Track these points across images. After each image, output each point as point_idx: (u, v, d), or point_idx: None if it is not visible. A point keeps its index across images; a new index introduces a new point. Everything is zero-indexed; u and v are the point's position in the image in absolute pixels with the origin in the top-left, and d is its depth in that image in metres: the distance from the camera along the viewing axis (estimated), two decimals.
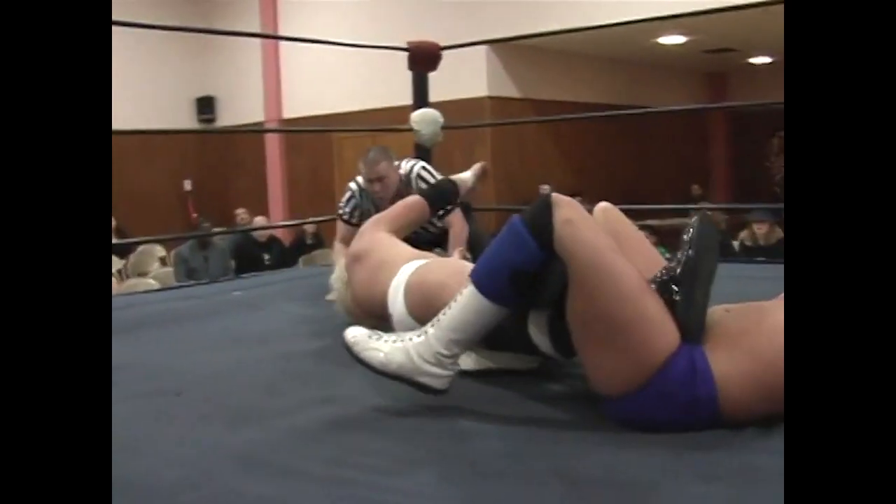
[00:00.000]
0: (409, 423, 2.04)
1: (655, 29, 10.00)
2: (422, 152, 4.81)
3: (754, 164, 15.40)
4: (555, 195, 1.92)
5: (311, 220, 8.92)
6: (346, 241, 4.27)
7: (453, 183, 3.49)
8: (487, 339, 2.23)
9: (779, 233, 7.84)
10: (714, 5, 6.18)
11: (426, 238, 4.31)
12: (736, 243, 8.13)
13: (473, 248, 3.64)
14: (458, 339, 2.00)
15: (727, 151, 15.53)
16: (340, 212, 4.32)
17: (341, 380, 2.42)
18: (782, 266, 4.94)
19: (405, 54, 5.12)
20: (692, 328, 1.86)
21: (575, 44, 10.61)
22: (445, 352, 2.00)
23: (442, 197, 3.40)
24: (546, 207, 1.89)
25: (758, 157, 15.52)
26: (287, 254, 9.36)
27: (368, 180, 4.15)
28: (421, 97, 5.16)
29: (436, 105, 5.11)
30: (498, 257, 1.98)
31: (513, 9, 9.44)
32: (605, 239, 1.90)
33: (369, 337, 2.08)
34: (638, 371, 1.82)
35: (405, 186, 4.21)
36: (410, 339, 2.03)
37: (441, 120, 4.68)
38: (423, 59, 5.14)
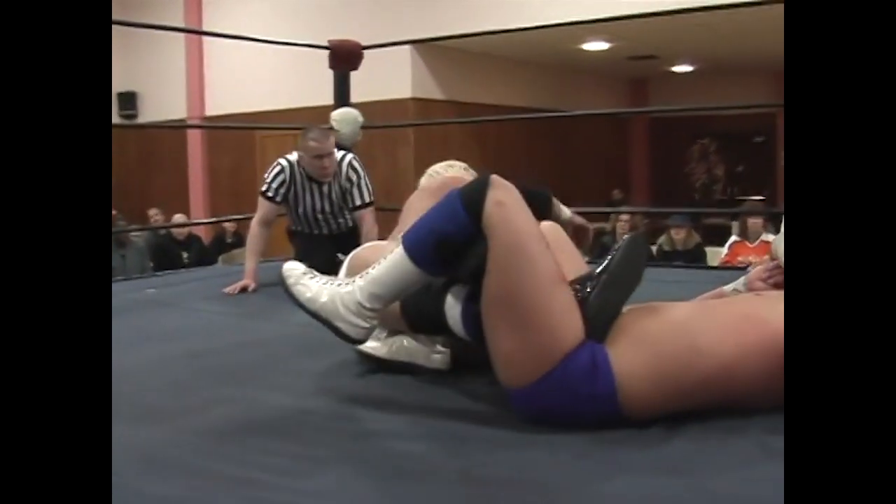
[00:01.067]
0: (316, 423, 2.02)
1: (580, 35, 10.09)
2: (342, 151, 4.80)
3: (674, 171, 15.64)
4: (494, 177, 1.96)
5: (230, 217, 8.82)
6: (267, 222, 4.19)
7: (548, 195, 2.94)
8: (410, 317, 2.26)
9: (696, 238, 7.99)
10: (637, 11, 6.24)
11: (325, 234, 4.26)
12: (654, 248, 8.24)
13: None
14: (380, 295, 2.02)
15: (648, 157, 15.74)
16: (264, 187, 4.22)
17: (250, 379, 2.41)
18: (699, 270, 5.04)
19: (329, 53, 5.10)
20: (598, 326, 1.91)
21: (501, 47, 10.66)
22: (366, 304, 2.02)
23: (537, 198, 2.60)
24: (483, 186, 1.94)
25: (678, 163, 15.76)
26: (206, 252, 9.25)
27: (319, 156, 4.10)
28: (342, 96, 5.14)
29: (359, 105, 5.10)
30: (429, 224, 2.00)
31: (438, 11, 9.46)
32: (533, 228, 1.94)
33: (303, 273, 2.11)
34: (540, 359, 1.86)
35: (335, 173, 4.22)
36: (339, 285, 2.06)
37: (361, 119, 4.67)
38: (344, 57, 5.12)
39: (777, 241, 2.25)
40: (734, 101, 12.33)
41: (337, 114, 4.75)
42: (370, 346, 2.41)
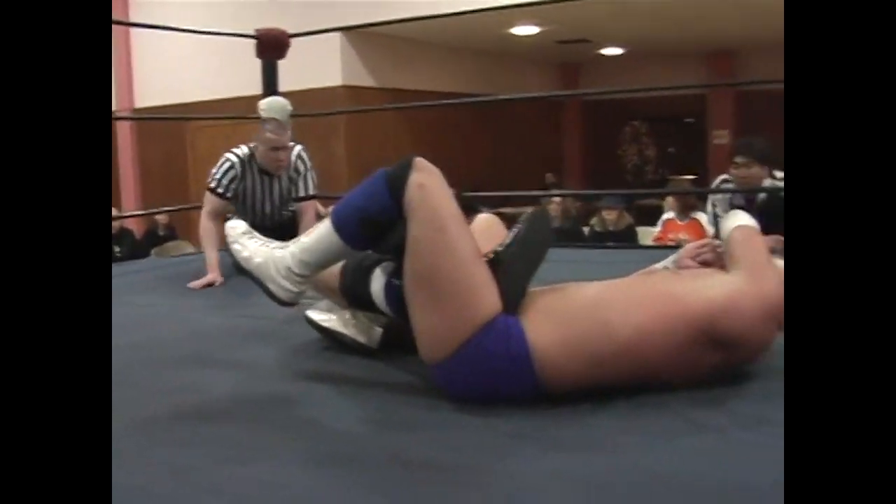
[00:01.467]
0: (252, 411, 2.04)
1: (510, 19, 10.13)
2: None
3: (606, 153, 15.79)
4: (418, 159, 2.01)
5: (163, 209, 8.73)
6: (216, 215, 4.14)
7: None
8: (346, 294, 2.35)
9: (627, 219, 8.07)
10: None
11: (268, 226, 4.25)
12: (586, 229, 8.32)
13: None
14: (308, 262, 2.11)
15: (580, 140, 15.88)
16: (213, 184, 4.16)
17: (188, 370, 2.41)
18: (630, 251, 5.11)
19: (255, 42, 5.07)
20: (510, 298, 1.97)
21: (431, 33, 10.67)
22: (296, 270, 2.11)
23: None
24: (406, 168, 1.99)
25: (610, 145, 15.91)
26: (139, 245, 9.17)
27: (275, 148, 4.10)
28: (270, 85, 5.12)
29: (289, 94, 5.06)
30: (354, 202, 2.07)
31: None
32: (453, 209, 1.99)
33: (243, 233, 2.23)
34: (458, 331, 1.92)
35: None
36: (274, 248, 2.16)
37: (290, 108, 4.64)
38: (271, 46, 5.10)
39: (723, 221, 2.28)
40: (664, 84, 12.48)
41: (264, 103, 4.70)
42: (319, 317, 2.51)
